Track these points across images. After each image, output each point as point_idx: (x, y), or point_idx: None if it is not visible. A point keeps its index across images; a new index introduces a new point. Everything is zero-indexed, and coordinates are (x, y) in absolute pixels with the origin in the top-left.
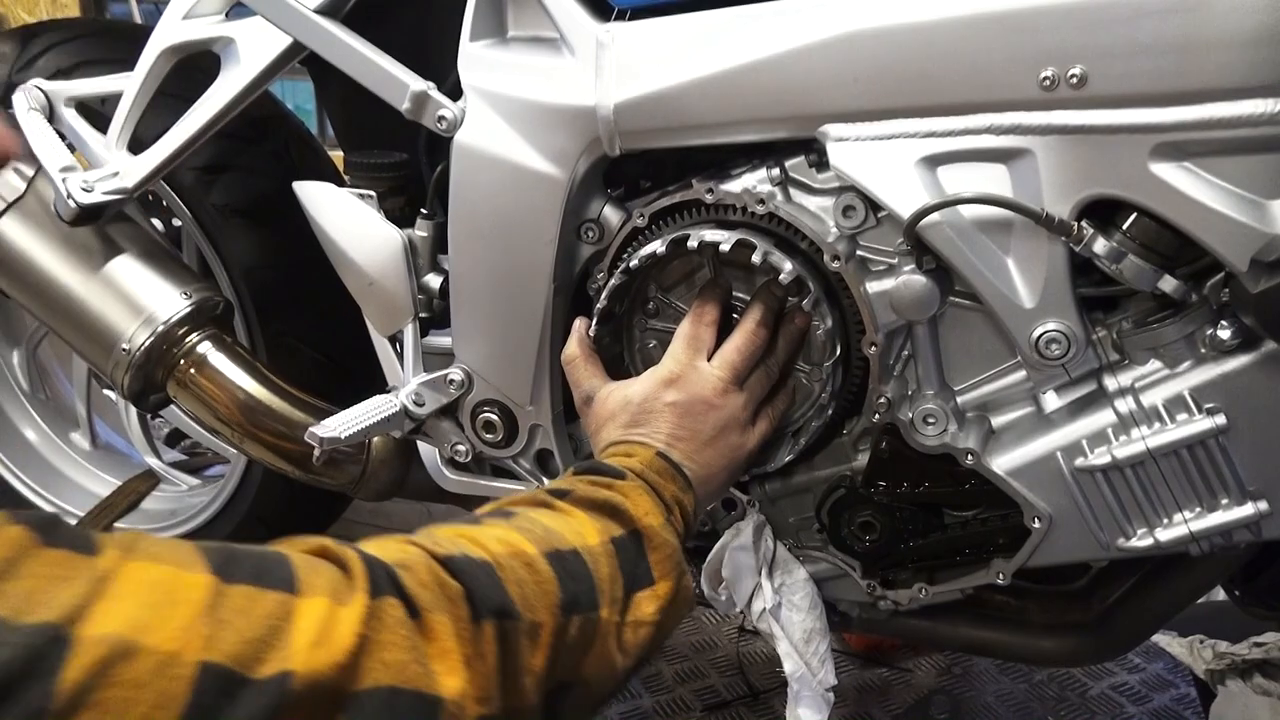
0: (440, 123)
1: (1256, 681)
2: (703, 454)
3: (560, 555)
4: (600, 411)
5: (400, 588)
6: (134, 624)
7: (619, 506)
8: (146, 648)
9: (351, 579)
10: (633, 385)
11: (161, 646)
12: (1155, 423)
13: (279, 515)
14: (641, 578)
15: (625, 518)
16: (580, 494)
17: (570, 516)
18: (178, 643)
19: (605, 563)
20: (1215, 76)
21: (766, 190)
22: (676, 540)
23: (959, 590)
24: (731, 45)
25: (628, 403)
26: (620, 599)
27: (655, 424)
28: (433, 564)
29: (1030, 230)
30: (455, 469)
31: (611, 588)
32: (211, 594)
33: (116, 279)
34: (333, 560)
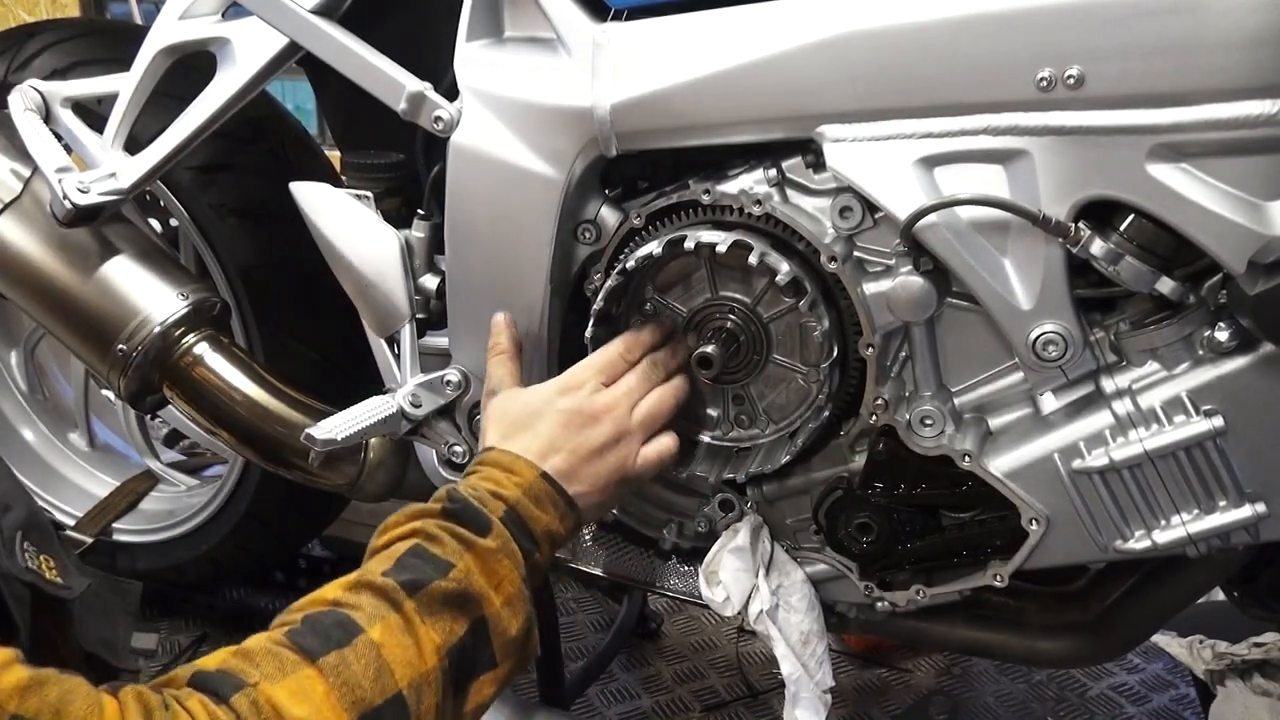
0: (436, 123)
1: (1256, 682)
2: (581, 470)
3: (377, 716)
4: (498, 407)
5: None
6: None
7: (469, 594)
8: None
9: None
10: (533, 390)
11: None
12: (1153, 424)
13: (276, 516)
14: (483, 664)
15: (473, 605)
16: (433, 590)
17: (411, 632)
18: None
19: (433, 689)
20: (1212, 78)
21: (763, 191)
22: (522, 613)
23: (957, 591)
24: (728, 46)
25: (521, 404)
26: (449, 707)
27: (541, 427)
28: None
29: (1027, 231)
30: (453, 470)
31: (439, 708)
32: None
33: (113, 280)
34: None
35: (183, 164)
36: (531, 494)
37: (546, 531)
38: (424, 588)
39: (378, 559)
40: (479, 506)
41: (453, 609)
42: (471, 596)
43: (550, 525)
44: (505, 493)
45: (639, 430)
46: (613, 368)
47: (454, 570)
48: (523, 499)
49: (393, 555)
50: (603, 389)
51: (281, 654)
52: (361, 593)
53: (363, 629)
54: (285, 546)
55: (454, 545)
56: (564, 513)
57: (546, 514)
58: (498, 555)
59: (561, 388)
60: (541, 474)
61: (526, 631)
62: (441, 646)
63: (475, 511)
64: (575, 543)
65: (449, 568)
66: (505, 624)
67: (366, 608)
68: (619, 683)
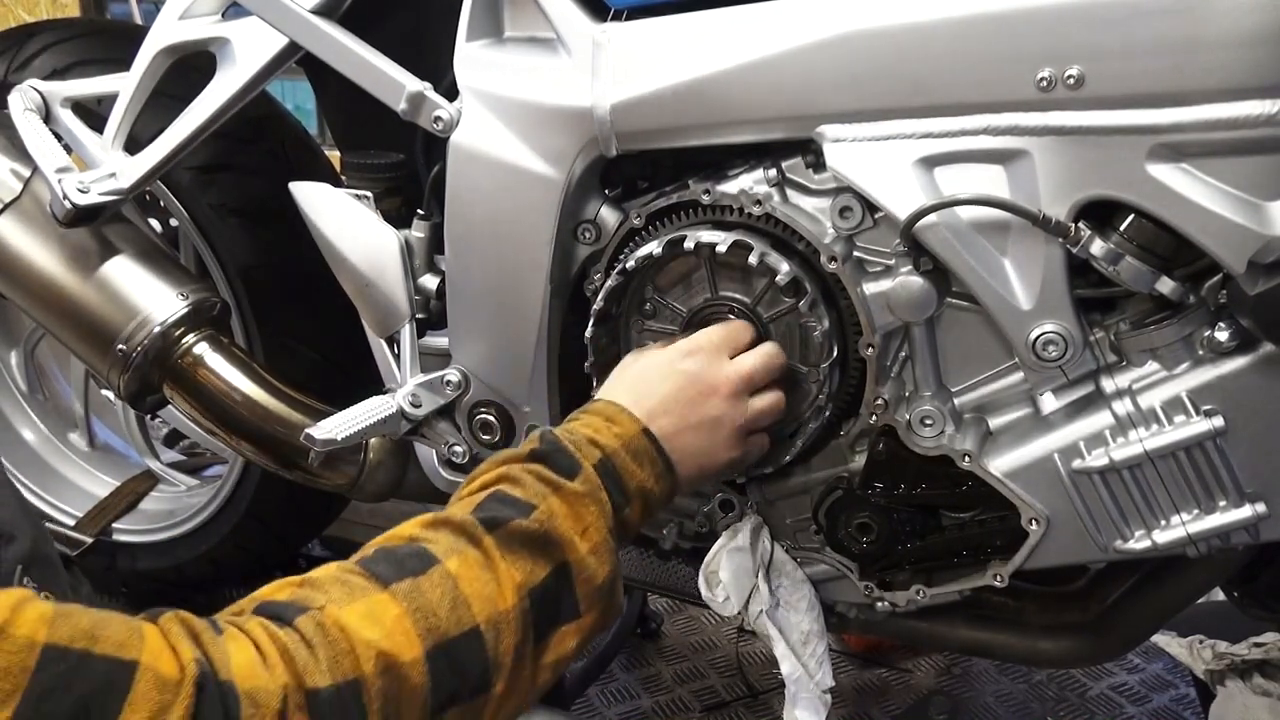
0: (436, 123)
1: (1256, 682)
2: (684, 436)
3: (449, 648)
4: (625, 362)
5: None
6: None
7: (550, 536)
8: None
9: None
10: (657, 350)
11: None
12: (1153, 425)
13: (277, 516)
14: (565, 612)
15: (555, 549)
16: (512, 529)
17: (490, 568)
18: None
19: (512, 629)
20: (1213, 77)
21: (763, 191)
22: (609, 564)
23: (957, 592)
24: (728, 46)
25: (641, 361)
26: (529, 652)
27: (655, 384)
28: (296, 697)
29: (1027, 231)
30: (452, 470)
31: (517, 650)
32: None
33: (113, 280)
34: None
35: (183, 164)
36: (631, 447)
37: (641, 488)
38: (503, 525)
39: (460, 504)
40: (571, 450)
41: (533, 549)
42: (554, 539)
43: (645, 483)
44: (603, 440)
45: (748, 422)
46: (736, 341)
47: (536, 511)
48: (620, 451)
49: (475, 500)
50: (726, 361)
51: (351, 580)
52: (439, 529)
53: (439, 560)
54: (285, 546)
55: (538, 487)
56: (661, 474)
57: (643, 470)
58: (584, 500)
59: (686, 350)
60: (644, 429)
61: (612, 582)
62: (522, 585)
63: (565, 454)
64: None
65: (530, 509)
66: (591, 571)
67: (443, 541)
68: (619, 683)
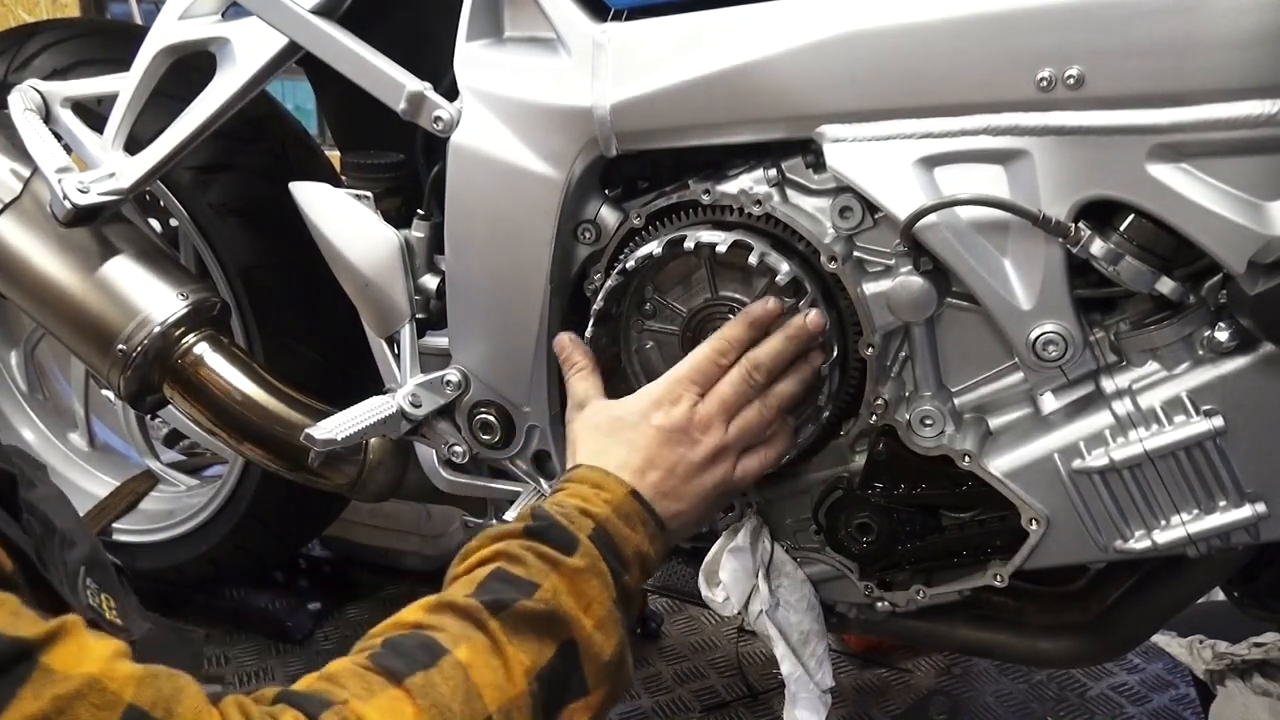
0: (436, 123)
1: (1256, 682)
2: (679, 489)
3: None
4: (588, 420)
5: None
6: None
7: (556, 615)
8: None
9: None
10: (624, 403)
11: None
12: (1153, 424)
13: (277, 516)
14: (574, 691)
15: (560, 627)
16: (518, 611)
17: (499, 653)
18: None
19: (523, 714)
20: (1213, 77)
21: (763, 191)
22: (615, 637)
23: (957, 592)
24: (728, 46)
25: (614, 418)
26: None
27: (636, 444)
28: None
29: (1027, 231)
30: (452, 470)
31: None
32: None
33: (113, 280)
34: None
35: (183, 164)
36: (622, 512)
37: (637, 553)
38: (508, 607)
39: (459, 583)
40: (565, 524)
41: (539, 630)
42: (559, 618)
43: (641, 546)
44: (594, 510)
45: (735, 444)
46: (706, 375)
47: (539, 590)
48: (613, 517)
49: (474, 579)
50: (699, 399)
51: (366, 676)
52: (443, 614)
53: (448, 650)
54: (285, 546)
55: (538, 565)
56: (654, 533)
57: (637, 534)
58: (586, 575)
59: (654, 401)
60: (631, 491)
61: (620, 657)
62: (530, 669)
63: (561, 529)
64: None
65: (534, 588)
66: (597, 648)
67: (450, 628)
68: None
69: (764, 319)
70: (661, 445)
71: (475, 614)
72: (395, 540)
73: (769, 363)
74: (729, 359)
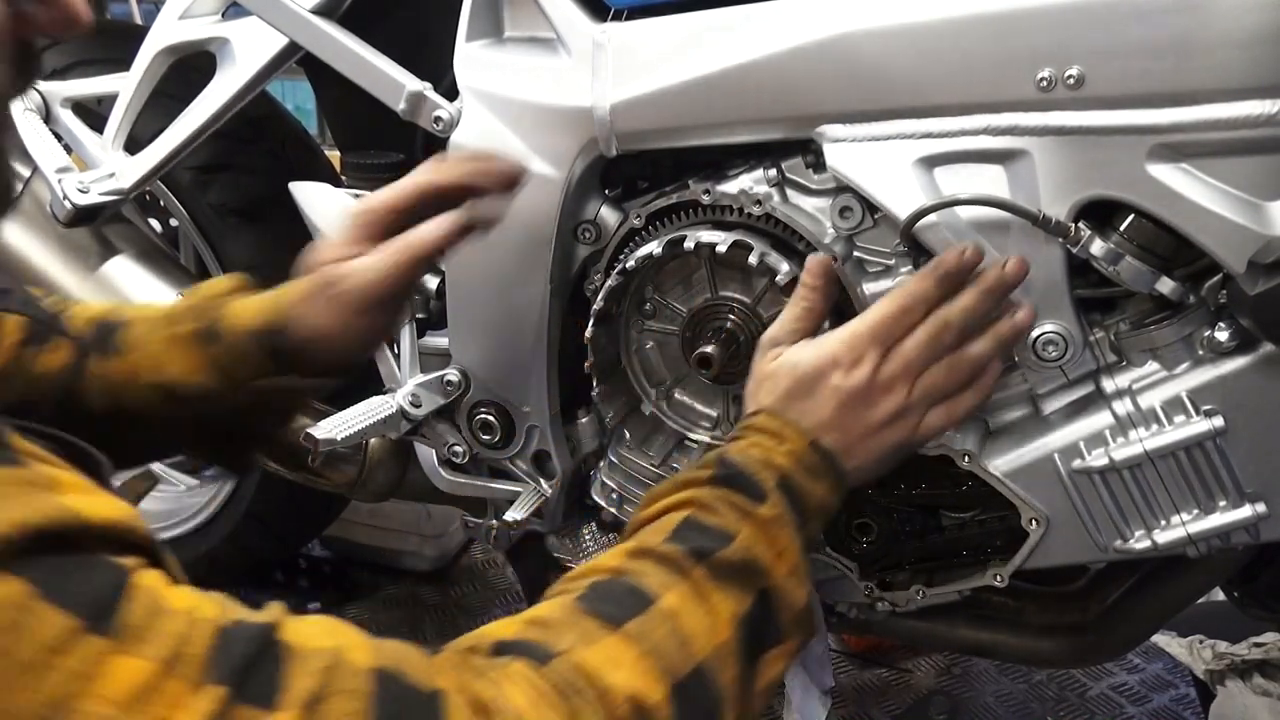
0: (436, 123)
1: (1256, 682)
2: (855, 447)
3: (684, 687)
4: (766, 367)
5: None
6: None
7: (754, 564)
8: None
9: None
10: (804, 351)
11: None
12: (1153, 425)
13: (276, 516)
14: (771, 638)
15: (759, 575)
16: (719, 559)
17: (705, 598)
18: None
19: (731, 661)
20: (1213, 77)
21: (763, 191)
22: (804, 586)
23: (957, 591)
24: (728, 46)
25: (794, 369)
26: (746, 682)
27: (814, 403)
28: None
29: (1027, 232)
30: (452, 470)
31: (737, 682)
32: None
33: (113, 280)
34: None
35: (183, 164)
36: (805, 464)
37: (819, 505)
38: (709, 556)
39: (651, 529)
40: (752, 474)
41: (739, 579)
42: (756, 567)
43: (823, 499)
44: (778, 461)
45: (919, 405)
46: (890, 333)
47: (736, 540)
48: (797, 469)
49: (666, 526)
50: (881, 360)
51: (581, 622)
52: (644, 559)
53: (656, 596)
54: (285, 546)
55: (731, 514)
56: (835, 485)
57: (819, 486)
58: (777, 524)
59: (834, 359)
60: (812, 443)
61: (809, 605)
62: (734, 616)
63: (749, 478)
64: (575, 543)
65: (730, 537)
66: (791, 596)
67: (654, 575)
68: None
69: (959, 273)
70: (840, 408)
71: (678, 561)
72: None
73: (960, 321)
74: (915, 316)
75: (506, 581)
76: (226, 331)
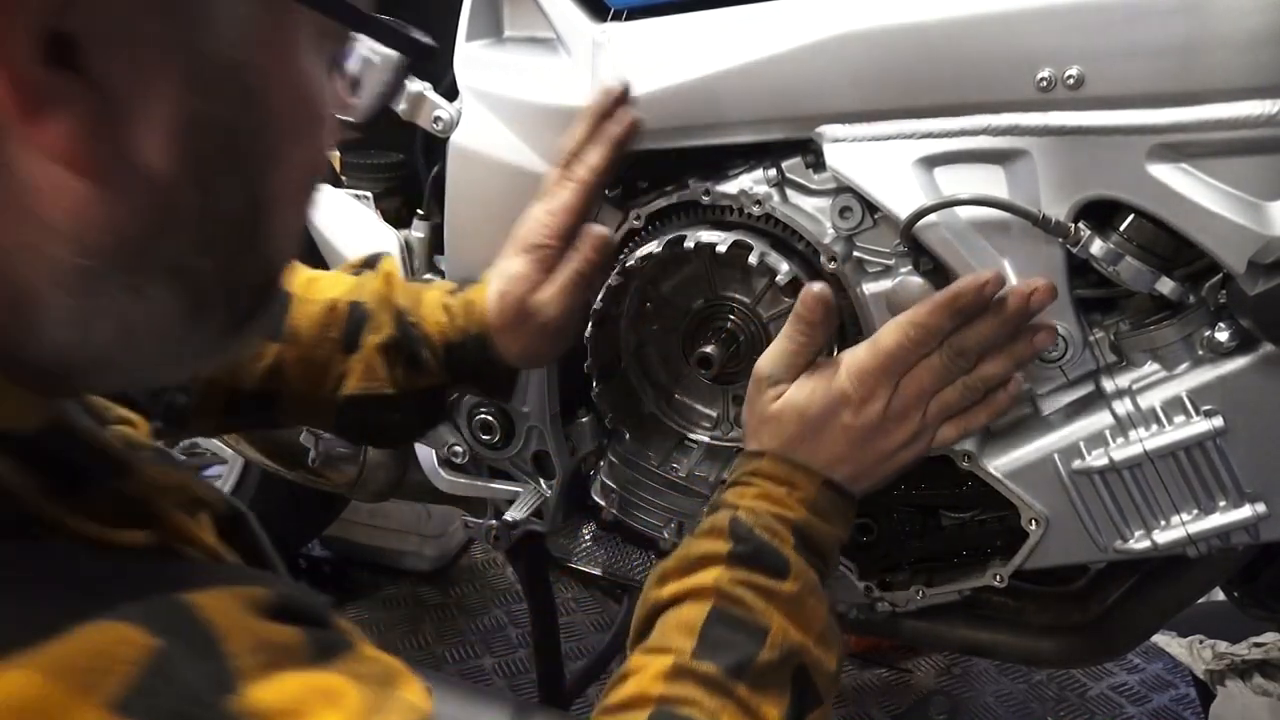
0: (436, 123)
1: (1256, 682)
2: (870, 471)
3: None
4: (769, 408)
5: None
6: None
7: (789, 652)
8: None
9: None
10: (810, 392)
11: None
12: (1153, 425)
13: (277, 516)
14: (809, 706)
15: (794, 656)
16: (758, 668)
17: (753, 713)
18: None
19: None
20: (1213, 78)
21: (763, 191)
22: (835, 646)
23: (957, 592)
24: (728, 46)
25: (802, 412)
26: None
27: (825, 442)
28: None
29: (1027, 232)
30: (452, 470)
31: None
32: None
33: None
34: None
35: None
36: (818, 509)
37: (836, 543)
38: (748, 668)
39: (676, 630)
40: (771, 543)
41: (780, 677)
42: (791, 653)
43: (839, 535)
44: (791, 515)
45: (934, 423)
46: (902, 367)
47: (770, 635)
48: (810, 518)
49: (692, 624)
50: (894, 393)
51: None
52: (686, 684)
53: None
54: (285, 547)
55: (760, 603)
56: (846, 516)
57: (834, 525)
58: (802, 599)
59: (844, 399)
60: (824, 482)
61: (840, 661)
62: (782, 716)
63: (769, 550)
64: (575, 543)
65: (764, 634)
66: (824, 664)
67: (704, 703)
68: None
69: (976, 307)
70: (852, 444)
71: (721, 683)
72: (395, 540)
73: (976, 348)
74: (928, 348)
75: (506, 581)
76: (419, 340)
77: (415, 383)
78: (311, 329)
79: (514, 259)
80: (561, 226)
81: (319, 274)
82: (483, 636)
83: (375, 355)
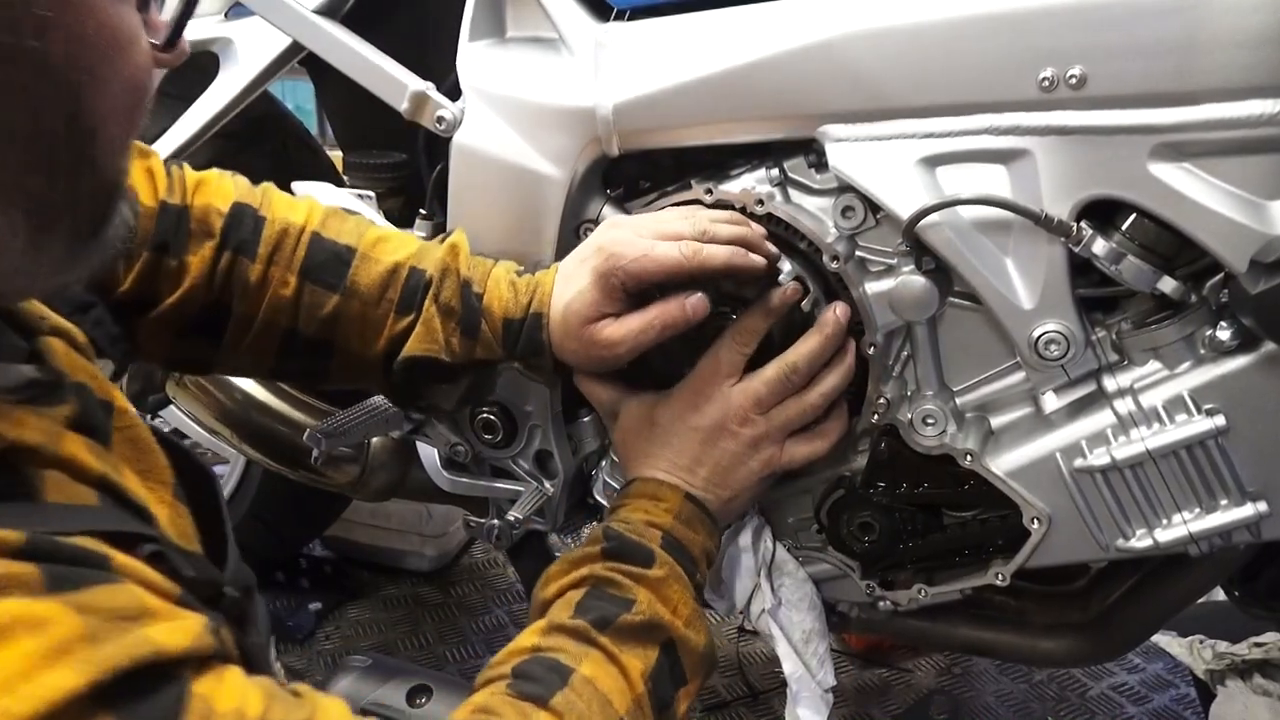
0: (439, 123)
1: (1256, 682)
2: (726, 479)
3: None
4: (626, 426)
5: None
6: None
7: (654, 622)
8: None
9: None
10: (656, 405)
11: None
12: (1154, 424)
13: (278, 516)
14: (677, 681)
15: (659, 630)
16: (622, 624)
17: (615, 662)
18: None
19: (645, 712)
20: (1214, 77)
21: (765, 190)
22: (703, 630)
23: (958, 591)
24: (730, 46)
25: (653, 424)
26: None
27: (678, 448)
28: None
29: (1029, 231)
30: (454, 469)
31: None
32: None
33: None
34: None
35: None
36: (683, 518)
37: (703, 550)
38: (613, 623)
39: (556, 607)
40: (638, 540)
41: (643, 638)
42: (657, 624)
43: (704, 544)
44: (658, 520)
45: (777, 433)
46: (735, 368)
47: (636, 604)
48: (675, 524)
49: (570, 601)
50: (731, 392)
51: (516, 704)
52: (556, 635)
53: (574, 668)
54: (286, 546)
55: (627, 582)
56: (711, 529)
57: (699, 534)
58: (668, 582)
59: (688, 404)
60: (686, 495)
61: (709, 646)
62: (644, 672)
63: (635, 545)
64: (577, 542)
65: (630, 603)
66: (692, 643)
67: (568, 648)
68: None
69: (781, 308)
70: (703, 444)
71: (586, 633)
72: (396, 540)
73: (805, 364)
74: (751, 348)
75: (507, 581)
76: (480, 312)
77: (471, 353)
78: (372, 288)
79: (586, 276)
80: (653, 279)
81: (389, 233)
82: (483, 636)
83: (435, 320)
